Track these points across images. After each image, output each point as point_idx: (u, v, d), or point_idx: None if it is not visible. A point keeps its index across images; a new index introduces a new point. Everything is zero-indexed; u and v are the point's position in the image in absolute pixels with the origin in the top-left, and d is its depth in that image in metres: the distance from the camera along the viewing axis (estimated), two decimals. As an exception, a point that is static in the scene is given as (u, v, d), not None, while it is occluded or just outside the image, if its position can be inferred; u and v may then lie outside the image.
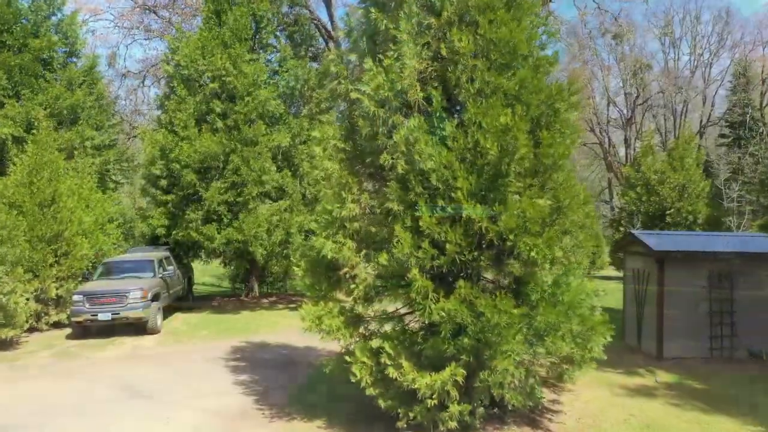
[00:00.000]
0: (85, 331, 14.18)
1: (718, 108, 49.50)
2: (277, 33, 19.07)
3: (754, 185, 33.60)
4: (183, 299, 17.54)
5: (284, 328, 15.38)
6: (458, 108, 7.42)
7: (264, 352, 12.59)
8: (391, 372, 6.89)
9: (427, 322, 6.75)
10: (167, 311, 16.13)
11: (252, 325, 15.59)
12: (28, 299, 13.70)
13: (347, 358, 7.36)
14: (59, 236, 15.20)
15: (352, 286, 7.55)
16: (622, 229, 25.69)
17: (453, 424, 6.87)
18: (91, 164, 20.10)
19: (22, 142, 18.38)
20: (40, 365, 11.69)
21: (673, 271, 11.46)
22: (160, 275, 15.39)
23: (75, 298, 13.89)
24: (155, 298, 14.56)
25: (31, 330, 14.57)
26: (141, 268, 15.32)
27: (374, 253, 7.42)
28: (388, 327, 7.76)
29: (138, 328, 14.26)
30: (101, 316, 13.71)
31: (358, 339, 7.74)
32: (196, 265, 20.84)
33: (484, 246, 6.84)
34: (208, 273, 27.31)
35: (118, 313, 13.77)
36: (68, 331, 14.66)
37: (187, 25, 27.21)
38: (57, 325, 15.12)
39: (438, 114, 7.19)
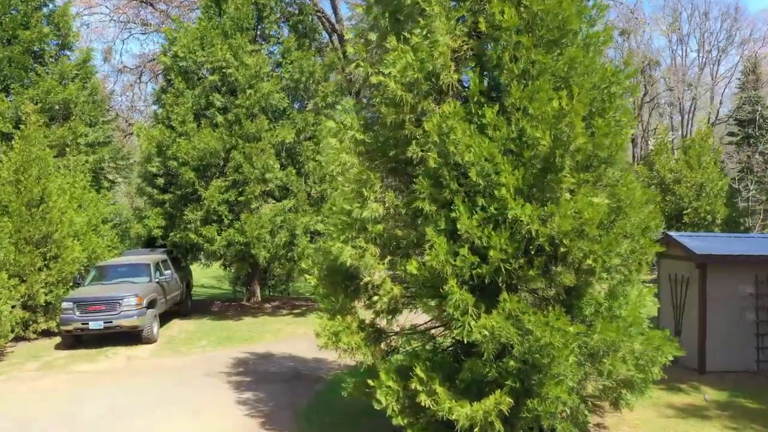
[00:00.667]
0: (75, 340, 13.16)
1: (725, 106, 48.65)
2: (280, 23, 18.06)
3: (765, 184, 32.71)
4: (181, 304, 16.50)
5: (289, 336, 14.40)
6: (499, 92, 6.43)
7: (269, 364, 11.59)
8: (424, 399, 5.90)
9: (465, 341, 5.76)
10: (164, 318, 15.13)
11: (255, 333, 14.59)
12: (14, 306, 12.68)
13: (370, 381, 6.37)
14: (48, 238, 14.18)
15: (375, 297, 6.58)
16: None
17: (495, 460, 5.89)
18: (85, 162, 19.07)
19: (10, 139, 17.36)
20: (24, 379, 10.69)
21: (716, 277, 10.48)
22: (157, 280, 14.36)
23: (64, 305, 12.88)
24: (151, 304, 13.55)
25: (18, 339, 13.54)
26: (136, 272, 14.30)
27: (401, 260, 6.44)
28: (414, 343, 6.78)
29: (133, 336, 13.25)
30: (92, 325, 12.70)
31: (380, 357, 6.76)
32: (195, 268, 19.82)
33: (532, 252, 5.86)
34: (207, 275, 26.30)
35: (111, 322, 12.76)
36: (58, 340, 13.66)
37: (186, 19, 26.15)
38: (46, 333, 14.11)
39: (476, 99, 6.21)
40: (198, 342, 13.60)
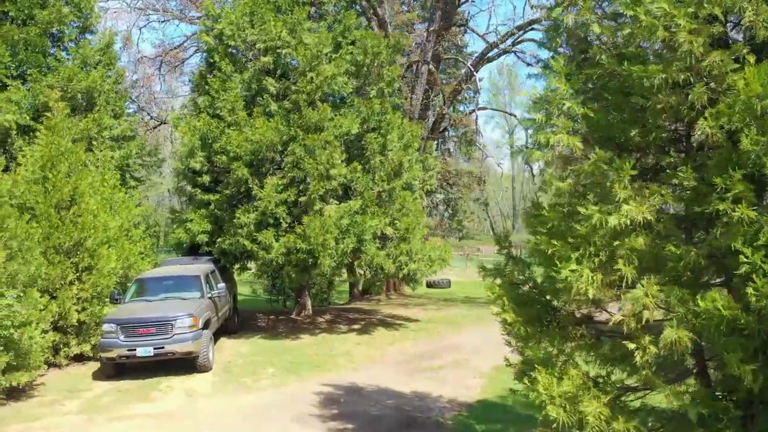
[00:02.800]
0: (117, 369, 10.99)
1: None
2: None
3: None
4: (229, 320, 14.29)
5: (366, 360, 12.25)
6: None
7: (365, 402, 9.42)
8: None
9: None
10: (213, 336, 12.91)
11: (324, 357, 12.40)
12: (46, 331, 10.49)
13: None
14: (80, 246, 11.97)
15: (631, 345, 4.44)
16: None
17: None
18: (110, 158, 16.91)
19: (28, 132, 15.22)
20: (66, 429, 8.50)
21: None
22: (209, 295, 12.17)
23: (105, 327, 10.72)
24: (206, 325, 11.39)
25: (48, 365, 11.30)
26: (185, 286, 12.08)
27: (681, 292, 4.30)
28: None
29: (184, 362, 11.06)
30: (140, 352, 10.54)
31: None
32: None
33: None
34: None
35: (162, 348, 10.59)
36: (94, 366, 11.52)
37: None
38: (79, 358, 11.90)
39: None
40: (263, 370, 11.38)
